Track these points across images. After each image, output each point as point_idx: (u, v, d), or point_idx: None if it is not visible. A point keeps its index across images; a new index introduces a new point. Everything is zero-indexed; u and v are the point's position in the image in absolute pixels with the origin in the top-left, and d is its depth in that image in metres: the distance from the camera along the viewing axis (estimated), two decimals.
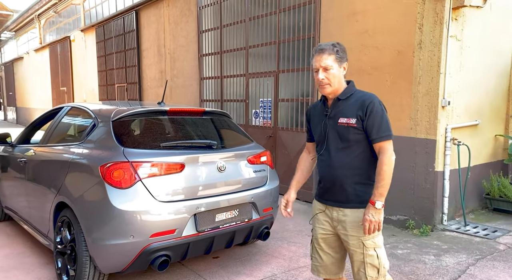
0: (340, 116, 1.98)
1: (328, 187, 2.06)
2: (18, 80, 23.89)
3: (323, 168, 2.08)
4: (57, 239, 2.89)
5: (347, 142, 1.97)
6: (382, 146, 1.94)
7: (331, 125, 2.02)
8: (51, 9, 17.18)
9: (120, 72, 11.23)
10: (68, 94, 15.36)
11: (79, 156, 2.87)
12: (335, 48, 1.95)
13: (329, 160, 2.03)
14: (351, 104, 1.98)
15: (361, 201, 1.98)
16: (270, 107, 6.34)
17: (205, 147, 2.99)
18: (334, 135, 2.00)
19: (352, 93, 2.01)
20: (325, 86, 1.97)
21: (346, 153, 1.98)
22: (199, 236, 2.73)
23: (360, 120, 1.93)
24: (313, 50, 2.01)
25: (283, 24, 6.07)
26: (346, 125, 1.95)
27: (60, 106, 3.76)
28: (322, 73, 1.95)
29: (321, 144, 2.08)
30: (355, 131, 1.94)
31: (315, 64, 1.97)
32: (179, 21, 8.53)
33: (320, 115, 2.10)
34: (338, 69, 1.96)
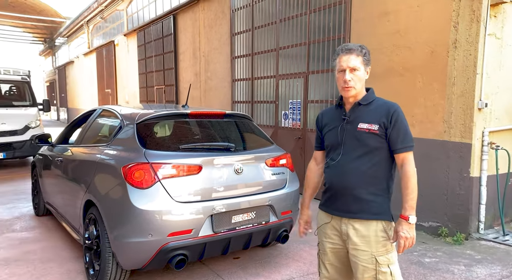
0: (360, 121, 1.88)
1: (338, 196, 1.93)
2: (69, 83, 25.51)
3: (333, 175, 1.95)
4: (85, 235, 3.07)
5: (366, 149, 1.86)
6: (406, 157, 1.85)
7: (349, 130, 1.90)
8: (98, 15, 18.17)
9: (158, 75, 11.66)
10: (112, 96, 16.17)
11: (105, 156, 3.03)
12: (363, 50, 1.89)
13: (343, 167, 1.90)
14: (373, 110, 1.89)
15: (375, 213, 1.86)
16: (300, 108, 6.31)
17: (223, 149, 3.05)
18: (352, 141, 1.89)
19: (373, 100, 1.93)
20: (349, 88, 1.87)
21: (363, 161, 1.87)
22: (215, 236, 2.79)
23: (383, 127, 1.84)
24: (338, 49, 1.92)
25: (313, 25, 6.02)
26: (367, 131, 1.85)
27: (94, 108, 3.99)
28: (349, 74, 1.86)
29: (334, 150, 1.97)
30: (377, 139, 1.85)
31: (341, 64, 1.88)
32: (213, 24, 8.71)
33: (336, 119, 1.99)
34: (363, 72, 1.89)
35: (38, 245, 3.80)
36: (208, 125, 3.35)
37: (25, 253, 3.58)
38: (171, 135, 3.14)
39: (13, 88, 9.53)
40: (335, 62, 1.94)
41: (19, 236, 4.06)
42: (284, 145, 6.64)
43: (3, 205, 5.31)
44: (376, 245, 1.86)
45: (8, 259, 3.44)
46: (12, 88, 9.55)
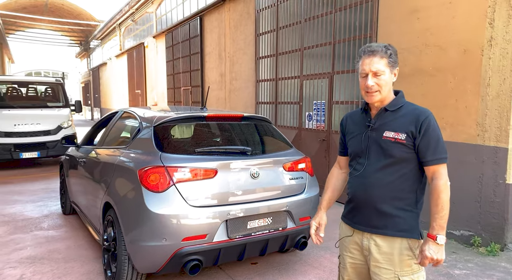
0: (386, 129, 1.73)
1: (361, 208, 1.80)
2: (102, 84, 26.41)
3: (357, 186, 1.81)
4: (104, 236, 3.11)
5: (392, 159, 1.71)
6: (438, 170, 1.68)
7: (373, 138, 1.76)
8: (130, 18, 18.67)
9: (185, 76, 11.80)
10: (142, 97, 16.56)
11: (123, 159, 3.06)
12: (388, 51, 1.71)
13: (366, 178, 1.76)
14: (400, 116, 1.72)
15: (400, 229, 1.71)
16: (324, 109, 6.16)
17: (239, 153, 2.99)
18: (377, 149, 1.75)
19: (402, 105, 1.76)
20: (373, 94, 1.72)
21: (388, 172, 1.72)
22: (230, 242, 2.74)
23: (411, 137, 1.68)
24: (361, 51, 1.76)
25: (339, 24, 5.86)
26: (393, 140, 1.70)
27: (116, 110, 4.05)
28: (372, 79, 1.71)
29: (357, 158, 1.83)
30: (404, 149, 1.69)
31: (364, 67, 1.73)
32: (238, 25, 8.70)
33: (361, 125, 1.84)
34: (389, 75, 1.73)
35: (63, 244, 3.90)
36: (226, 128, 3.31)
37: (50, 252, 3.68)
38: (187, 138, 3.13)
39: (48, 89, 9.94)
40: (358, 65, 1.80)
41: (46, 234, 4.19)
42: (307, 147, 6.52)
43: (33, 203, 5.52)
44: (400, 264, 1.72)
45: (35, 257, 3.55)
46: (47, 89, 9.97)
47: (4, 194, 6.05)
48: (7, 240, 3.98)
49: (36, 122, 8.36)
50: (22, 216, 4.85)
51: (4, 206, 5.35)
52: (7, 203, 5.49)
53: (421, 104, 2.02)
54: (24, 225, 4.51)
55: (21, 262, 3.42)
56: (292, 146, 3.43)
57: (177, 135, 3.20)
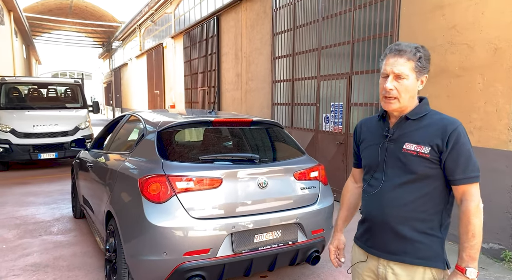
0: (406, 141, 1.51)
1: (377, 230, 1.58)
2: (123, 84, 26.79)
3: (371, 204, 1.60)
4: (106, 246, 2.99)
5: (413, 176, 1.49)
6: (469, 190, 1.45)
7: (391, 150, 1.54)
8: (149, 18, 18.81)
9: (202, 76, 11.72)
10: (161, 97, 16.63)
11: (125, 166, 2.93)
12: (418, 54, 1.48)
13: (383, 196, 1.55)
14: (424, 127, 1.50)
15: (422, 257, 1.50)
16: (342, 111, 5.90)
17: (247, 160, 2.81)
18: (395, 163, 1.53)
19: (426, 113, 1.53)
20: (391, 101, 1.50)
21: (408, 190, 1.50)
22: (235, 257, 2.56)
23: (436, 151, 1.45)
24: (387, 48, 1.54)
25: (358, 22, 5.58)
26: (414, 153, 1.48)
27: (124, 114, 3.94)
28: (391, 82, 1.49)
29: (372, 172, 1.61)
30: (427, 164, 1.46)
31: (386, 67, 1.51)
32: (255, 24, 8.52)
33: (377, 134, 1.62)
34: (414, 82, 1.49)
35: (70, 250, 3.82)
36: (234, 134, 3.13)
37: (56, 259, 3.61)
38: (193, 145, 2.96)
39: (68, 90, 10.05)
40: (381, 64, 1.56)
41: (54, 239, 4.13)
42: (324, 150, 6.27)
43: (47, 205, 5.51)
44: None
45: (39, 264, 3.48)
46: (67, 90, 10.08)
47: (21, 195, 6.08)
48: (16, 245, 3.94)
49: (54, 123, 8.44)
50: (33, 219, 4.83)
51: (18, 208, 5.37)
52: (22, 205, 5.50)
53: (446, 106, 1.79)
54: (35, 228, 4.48)
55: (25, 270, 3.35)
56: (304, 153, 3.21)
57: (183, 141, 3.04)
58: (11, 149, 7.93)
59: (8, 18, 17.78)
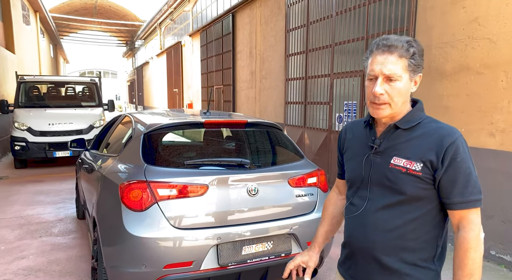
0: (395, 154, 1.26)
1: (358, 258, 1.35)
2: (145, 82, 27.16)
3: (353, 227, 1.37)
4: (92, 254, 2.88)
5: (401, 197, 1.24)
6: (467, 217, 1.20)
7: (377, 164, 1.30)
8: (169, 17, 18.90)
9: (217, 74, 11.60)
10: (179, 95, 16.67)
11: (111, 170, 2.79)
12: (411, 49, 1.22)
13: (366, 218, 1.31)
14: (416, 138, 1.25)
15: None
16: (356, 110, 5.60)
17: (236, 165, 2.61)
18: (381, 181, 1.28)
19: (419, 122, 1.27)
20: (381, 107, 1.25)
21: (396, 213, 1.26)
22: (221, 270, 2.38)
23: (430, 168, 1.21)
24: (373, 43, 1.27)
25: (373, 16, 5.26)
26: (403, 170, 1.23)
27: (120, 114, 3.83)
28: (381, 85, 1.23)
29: (355, 189, 1.38)
30: (419, 184, 1.22)
31: (373, 67, 1.25)
32: (269, 21, 8.29)
33: (362, 144, 1.37)
34: (407, 83, 1.24)
35: (66, 254, 3.75)
36: (227, 136, 2.93)
37: (50, 263, 3.54)
38: (180, 148, 2.79)
39: (85, 89, 10.16)
40: (366, 63, 1.30)
41: (53, 241, 4.08)
42: None
43: (54, 205, 5.51)
44: None
45: (32, 268, 3.42)
46: (84, 89, 10.19)
47: (31, 194, 6.13)
48: (14, 247, 3.91)
49: (69, 121, 8.52)
50: (38, 219, 4.82)
51: (26, 207, 5.39)
52: (30, 204, 5.53)
53: (465, 106, 1.48)
54: (36, 229, 4.45)
55: (17, 274, 3.29)
56: (303, 157, 2.98)
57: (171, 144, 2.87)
58: (28, 147, 8.06)
59: (34, 18, 18.30)
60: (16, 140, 8.02)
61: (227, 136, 2.99)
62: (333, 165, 6.04)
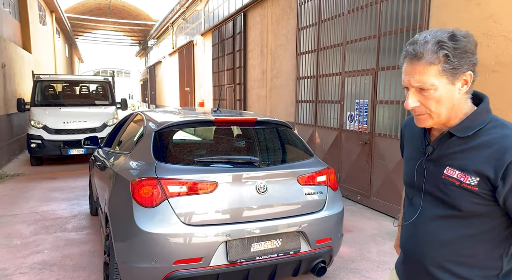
0: (448, 165, 1.12)
1: (410, 267, 1.28)
2: (157, 82, 27.41)
3: (406, 235, 1.29)
4: (104, 249, 2.93)
5: (455, 211, 1.12)
6: None
7: (431, 173, 1.18)
8: (181, 16, 19.02)
9: (229, 73, 11.64)
10: (191, 94, 16.78)
11: (123, 167, 2.84)
12: (441, 52, 1.04)
13: (417, 228, 1.21)
14: (474, 148, 1.08)
15: None
16: (367, 109, 5.55)
17: (246, 163, 2.62)
18: (434, 191, 1.16)
19: (481, 128, 1.09)
20: (420, 117, 1.14)
21: (449, 226, 1.13)
22: (230, 267, 2.40)
23: (487, 183, 1.05)
24: (404, 50, 1.13)
25: (385, 14, 5.21)
26: (457, 183, 1.09)
27: (132, 112, 3.89)
28: (413, 97, 1.11)
29: (411, 195, 1.28)
30: (475, 199, 1.07)
31: (403, 76, 1.14)
32: (280, 20, 8.28)
33: (417, 146, 1.26)
34: (447, 88, 1.07)
35: (79, 249, 3.83)
36: (237, 134, 2.95)
37: (64, 258, 3.62)
38: (191, 146, 2.82)
39: (99, 88, 10.32)
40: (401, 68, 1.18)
41: (67, 237, 4.17)
42: (348, 150, 5.95)
43: (68, 201, 5.63)
44: None
45: (47, 263, 3.50)
46: (98, 88, 10.35)
47: (46, 191, 6.27)
48: (29, 241, 4.01)
49: (83, 119, 8.67)
50: (53, 215, 4.93)
51: (41, 203, 5.51)
52: (45, 200, 5.65)
53: None
54: (51, 224, 4.56)
55: (32, 268, 3.38)
56: (312, 155, 2.98)
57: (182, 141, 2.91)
58: (43, 145, 8.24)
59: (50, 19, 18.65)
60: (32, 138, 8.20)
61: (237, 134, 3.02)
62: (344, 164, 6.01)
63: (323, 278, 3.25)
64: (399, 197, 4.95)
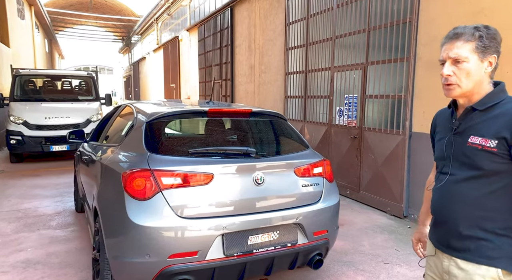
0: (472, 134, 1.39)
1: (440, 226, 1.52)
2: (141, 78, 26.98)
3: (435, 200, 1.53)
4: (93, 245, 2.82)
5: (478, 171, 1.36)
6: None
7: (458, 143, 1.44)
8: (166, 11, 18.73)
9: (216, 69, 11.51)
10: (176, 90, 16.56)
11: (112, 159, 2.73)
12: (477, 33, 1.34)
13: (447, 190, 1.46)
14: (492, 118, 1.35)
15: (486, 256, 1.36)
16: (356, 104, 5.56)
17: (242, 155, 2.56)
18: (460, 158, 1.42)
19: (498, 102, 1.36)
20: (450, 87, 1.39)
21: (474, 186, 1.38)
22: (226, 260, 2.33)
23: (505, 144, 1.30)
24: (445, 36, 1.42)
25: (375, 8, 5.22)
26: (479, 147, 1.35)
27: (120, 104, 3.76)
28: (449, 67, 1.38)
29: (441, 167, 1.53)
30: (495, 159, 1.32)
31: (442, 53, 1.41)
32: (268, 15, 8.22)
33: (446, 126, 1.54)
34: (477, 64, 1.35)
35: (65, 246, 3.69)
36: (231, 126, 2.88)
37: (49, 255, 3.48)
38: (184, 137, 2.74)
39: (82, 83, 10.04)
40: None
41: (51, 234, 4.02)
42: (338, 145, 5.95)
43: (52, 198, 5.44)
44: None
45: (30, 261, 3.36)
46: (81, 83, 10.07)
47: (28, 188, 6.05)
48: (12, 239, 3.85)
49: (66, 115, 8.42)
50: (35, 212, 4.75)
51: (23, 200, 5.31)
52: (27, 198, 5.45)
53: None
54: (34, 222, 4.38)
55: (15, 266, 3.23)
56: (308, 147, 2.93)
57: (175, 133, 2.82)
58: (24, 141, 7.96)
59: (29, 13, 18.06)
60: (11, 134, 7.91)
61: (231, 126, 2.94)
62: (334, 158, 6.00)
63: (318, 271, 3.22)
64: (388, 190, 4.98)
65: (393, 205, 4.90)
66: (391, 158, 4.94)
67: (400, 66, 4.81)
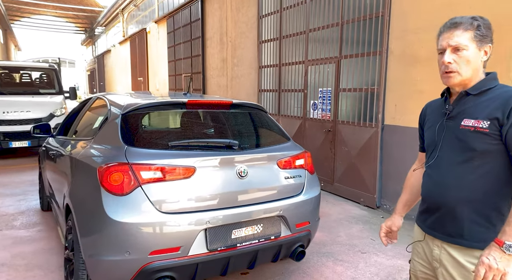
0: (465, 117, 1.42)
1: (433, 210, 1.53)
2: (107, 71, 26.03)
3: (428, 185, 1.55)
4: (65, 244, 2.66)
5: (471, 153, 1.39)
6: None
7: (450, 127, 1.47)
8: (132, 2, 18.10)
9: (186, 62, 11.28)
10: (144, 84, 16.10)
11: (86, 153, 2.58)
12: (475, 22, 1.40)
13: (439, 175, 1.48)
14: (485, 101, 1.40)
15: (480, 240, 1.39)
16: (330, 97, 5.61)
17: (224, 147, 2.49)
18: (452, 141, 1.45)
19: (490, 88, 1.42)
20: (451, 75, 1.42)
21: (467, 169, 1.41)
22: (210, 255, 2.27)
23: (496, 124, 1.35)
24: (442, 26, 1.46)
25: (348, 2, 5.27)
26: (472, 129, 1.38)
27: (91, 96, 3.57)
28: (449, 55, 1.41)
29: (430, 152, 1.56)
30: (486, 140, 1.36)
31: (441, 43, 1.44)
32: (240, 7, 8.12)
33: (437, 113, 1.57)
34: (475, 52, 1.40)
35: (31, 247, 3.48)
36: (211, 118, 2.80)
37: (14, 257, 3.26)
38: (163, 130, 2.63)
39: (43, 75, 9.50)
40: (437, 45, 1.48)
41: (15, 235, 3.77)
42: (312, 138, 6.00)
43: (14, 197, 5.12)
44: None
45: None
46: (42, 75, 9.53)
47: None
48: None
49: (26, 109, 7.94)
50: None
51: None
52: None
53: (440, 90, 1.61)
54: None
55: None
56: (289, 139, 2.91)
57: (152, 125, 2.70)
58: None
59: None
60: None
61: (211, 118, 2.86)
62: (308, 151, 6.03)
63: (299, 263, 3.22)
64: (361, 182, 5.07)
65: (367, 196, 5.00)
66: (364, 150, 5.03)
67: (373, 60, 4.89)
